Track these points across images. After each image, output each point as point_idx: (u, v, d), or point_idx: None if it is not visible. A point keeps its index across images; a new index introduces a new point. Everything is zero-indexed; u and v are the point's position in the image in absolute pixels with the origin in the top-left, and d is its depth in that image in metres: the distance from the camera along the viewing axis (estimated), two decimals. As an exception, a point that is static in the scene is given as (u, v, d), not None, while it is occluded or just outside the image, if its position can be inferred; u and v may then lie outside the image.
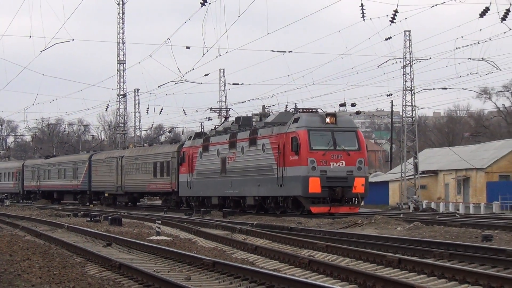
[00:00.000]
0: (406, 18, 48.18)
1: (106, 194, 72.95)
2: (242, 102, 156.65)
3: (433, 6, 62.30)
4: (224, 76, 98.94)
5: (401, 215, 43.87)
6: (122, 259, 20.90)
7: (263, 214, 45.93)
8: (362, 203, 48.36)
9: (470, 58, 60.37)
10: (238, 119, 53.18)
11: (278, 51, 61.67)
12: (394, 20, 42.75)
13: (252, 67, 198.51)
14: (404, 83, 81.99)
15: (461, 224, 33.09)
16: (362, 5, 41.31)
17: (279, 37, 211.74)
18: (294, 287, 14.99)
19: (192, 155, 54.27)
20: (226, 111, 59.11)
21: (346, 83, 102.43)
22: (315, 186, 39.92)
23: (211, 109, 59.16)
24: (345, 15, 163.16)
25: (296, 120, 42.55)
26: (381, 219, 36.34)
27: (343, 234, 30.38)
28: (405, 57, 78.96)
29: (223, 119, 57.81)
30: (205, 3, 36.77)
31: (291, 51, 70.95)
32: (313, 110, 45.97)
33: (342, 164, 40.73)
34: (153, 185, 61.06)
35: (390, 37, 56.88)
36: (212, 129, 56.88)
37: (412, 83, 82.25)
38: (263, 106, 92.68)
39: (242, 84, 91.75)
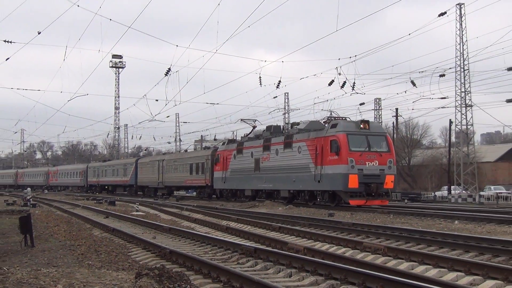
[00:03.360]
0: (286, 85, 48.70)
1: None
2: (189, 133, 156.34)
3: (301, 78, 63.32)
4: (178, 117, 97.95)
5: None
6: (115, 226, 20.71)
7: (295, 204, 35.35)
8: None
9: (322, 109, 61.01)
10: (269, 127, 42.03)
11: (210, 103, 61.50)
12: (279, 86, 43.31)
13: (195, 112, 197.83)
14: (285, 125, 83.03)
15: (316, 206, 33.38)
16: (260, 78, 42.05)
17: (212, 94, 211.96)
18: (216, 242, 15.06)
19: (226, 156, 44.09)
20: (254, 121, 46.81)
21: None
22: (354, 182, 30.75)
23: (241, 119, 47.24)
24: (250, 82, 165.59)
25: (334, 126, 32.67)
26: (269, 203, 36.46)
27: (247, 212, 30.46)
28: (285, 108, 79.67)
29: (252, 128, 45.51)
30: (168, 74, 36.79)
31: (218, 103, 71.15)
32: (343, 118, 35.99)
33: (376, 164, 31.46)
34: (189, 181, 52.07)
35: (276, 96, 56.90)
36: (242, 136, 46.15)
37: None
38: (201, 136, 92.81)
39: (189, 122, 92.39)
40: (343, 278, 9.58)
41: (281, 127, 42.34)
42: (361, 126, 32.09)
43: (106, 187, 76.18)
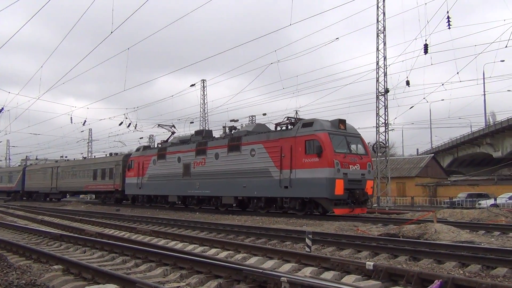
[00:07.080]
0: (89, 123, 45.85)
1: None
2: (17, 154, 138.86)
3: (100, 119, 59.69)
4: (9, 143, 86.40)
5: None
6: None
7: (248, 213, 21.07)
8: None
9: (114, 140, 58.39)
10: (199, 131, 27.28)
11: (34, 133, 55.62)
12: (84, 124, 40.22)
13: (22, 140, 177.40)
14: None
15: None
16: (71, 118, 39.24)
17: (35, 128, 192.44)
18: (32, 231, 13.46)
19: (142, 162, 28.91)
20: (172, 126, 30.54)
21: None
22: (340, 188, 17.74)
23: (159, 125, 30.84)
24: (64, 120, 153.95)
25: (309, 124, 19.07)
26: (75, 203, 33.86)
27: (58, 209, 27.76)
28: (89, 139, 74.73)
29: (170, 133, 30.55)
30: (1, 112, 32.11)
31: (40, 134, 64.81)
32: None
33: (358, 168, 18.50)
34: (92, 186, 35.54)
35: (83, 131, 53.29)
36: (162, 142, 30.33)
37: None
38: (26, 156, 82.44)
39: (17, 146, 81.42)
40: (120, 252, 9.27)
41: (212, 131, 27.83)
42: (340, 126, 19.23)
43: None
